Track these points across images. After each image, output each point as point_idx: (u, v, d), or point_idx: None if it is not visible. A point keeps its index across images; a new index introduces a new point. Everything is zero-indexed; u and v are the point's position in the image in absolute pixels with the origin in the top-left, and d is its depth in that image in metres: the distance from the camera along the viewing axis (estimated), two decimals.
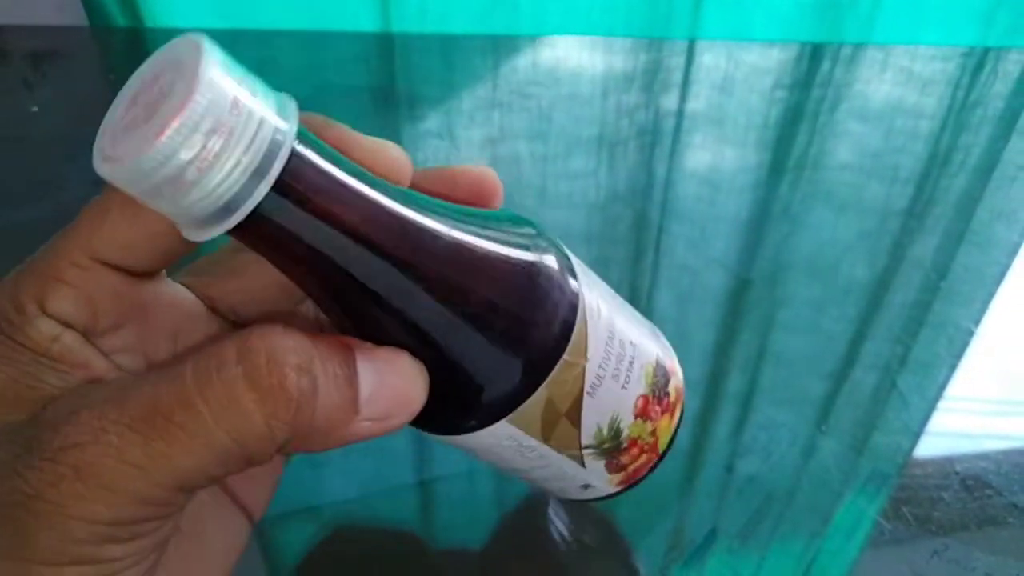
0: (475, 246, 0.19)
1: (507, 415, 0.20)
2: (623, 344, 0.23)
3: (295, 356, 0.16)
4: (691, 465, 0.42)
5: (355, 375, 0.17)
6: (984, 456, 0.43)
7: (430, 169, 0.22)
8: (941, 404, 0.47)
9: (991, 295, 0.56)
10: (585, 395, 0.21)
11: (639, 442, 0.23)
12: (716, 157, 0.73)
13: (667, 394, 0.24)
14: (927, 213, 0.65)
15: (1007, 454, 0.43)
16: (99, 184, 0.16)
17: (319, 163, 0.15)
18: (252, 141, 0.14)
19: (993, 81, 0.88)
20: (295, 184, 0.15)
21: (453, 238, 0.18)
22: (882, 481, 0.41)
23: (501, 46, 0.91)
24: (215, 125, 0.13)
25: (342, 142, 0.18)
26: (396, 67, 0.84)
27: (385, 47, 0.90)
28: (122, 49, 0.88)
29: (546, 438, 0.21)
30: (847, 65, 0.91)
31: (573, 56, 0.89)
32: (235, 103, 0.14)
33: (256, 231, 0.15)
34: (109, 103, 0.16)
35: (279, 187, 0.15)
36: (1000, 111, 0.82)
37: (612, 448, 0.23)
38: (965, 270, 0.58)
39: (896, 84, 0.88)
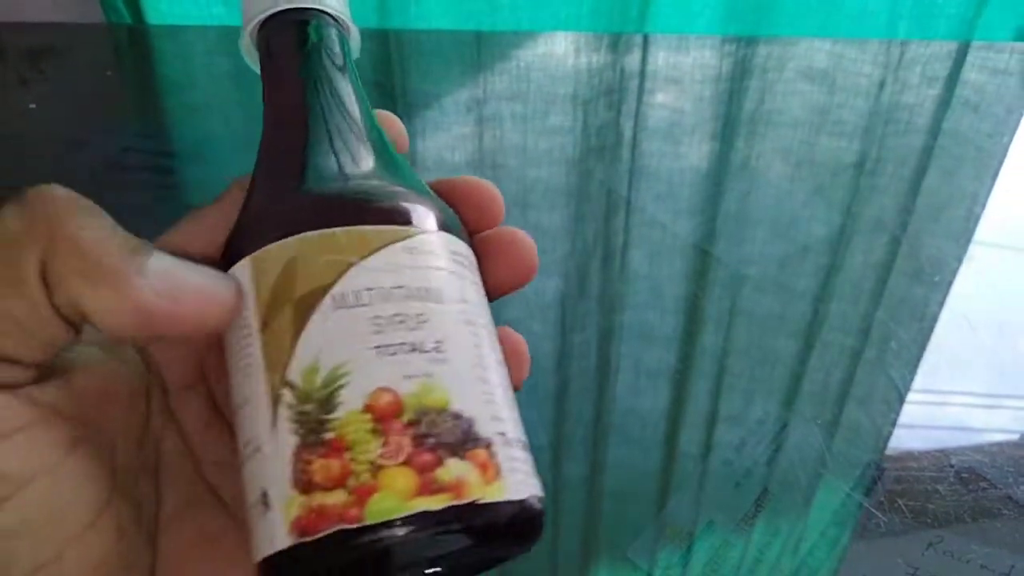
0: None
1: (287, 238, 0.18)
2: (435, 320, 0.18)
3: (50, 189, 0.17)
4: (672, 427, 0.42)
5: (135, 240, 0.17)
6: (979, 449, 0.43)
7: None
8: (936, 397, 0.47)
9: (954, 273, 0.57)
10: (327, 298, 0.17)
11: (345, 454, 0.16)
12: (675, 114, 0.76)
13: (436, 447, 0.16)
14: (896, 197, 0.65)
15: (1002, 447, 0.44)
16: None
17: (331, 38, 0.22)
18: None
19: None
20: (303, 33, 0.22)
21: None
22: (879, 473, 0.42)
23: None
24: None
25: None
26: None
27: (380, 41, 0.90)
28: (120, 46, 0.88)
29: (265, 321, 0.17)
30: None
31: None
32: None
33: (270, 42, 0.22)
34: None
35: (294, 27, 0.22)
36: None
37: (313, 420, 0.16)
38: (940, 252, 0.58)
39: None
